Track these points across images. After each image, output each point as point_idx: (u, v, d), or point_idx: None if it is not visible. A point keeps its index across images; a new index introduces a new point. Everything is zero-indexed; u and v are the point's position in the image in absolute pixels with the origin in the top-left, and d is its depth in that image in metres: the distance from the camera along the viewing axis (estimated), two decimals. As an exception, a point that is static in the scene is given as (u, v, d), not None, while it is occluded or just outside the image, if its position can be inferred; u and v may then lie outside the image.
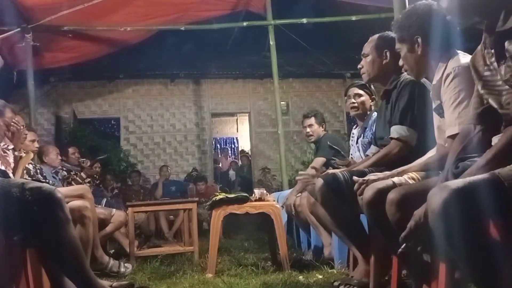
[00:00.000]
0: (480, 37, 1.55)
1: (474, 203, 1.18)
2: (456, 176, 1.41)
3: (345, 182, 2.32)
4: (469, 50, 1.81)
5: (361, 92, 3.37)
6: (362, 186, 1.98)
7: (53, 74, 8.84)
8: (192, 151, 10.41)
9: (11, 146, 3.10)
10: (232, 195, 3.45)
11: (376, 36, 2.63)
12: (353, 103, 3.37)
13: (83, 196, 3.24)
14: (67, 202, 2.13)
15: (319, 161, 4.18)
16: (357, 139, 3.33)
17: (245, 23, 7.26)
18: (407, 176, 1.89)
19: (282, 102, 8.14)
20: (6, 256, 2.00)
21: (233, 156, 14.08)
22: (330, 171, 2.80)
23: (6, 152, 2.98)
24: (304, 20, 6.86)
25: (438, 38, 1.90)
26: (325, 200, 2.47)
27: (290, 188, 5.22)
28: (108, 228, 4.17)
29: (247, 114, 11.03)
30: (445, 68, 1.91)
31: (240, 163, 11.82)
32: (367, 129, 3.22)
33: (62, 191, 2.25)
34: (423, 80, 2.33)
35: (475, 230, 1.18)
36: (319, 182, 2.46)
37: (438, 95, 1.97)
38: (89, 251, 3.15)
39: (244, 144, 13.79)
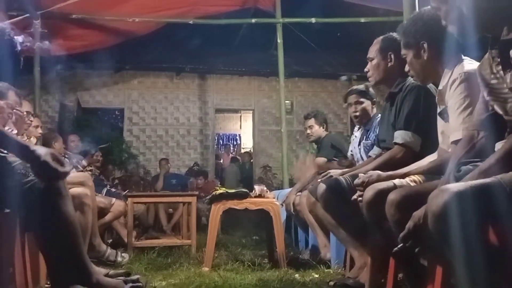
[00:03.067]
0: (487, 44, 1.55)
1: (475, 207, 1.18)
2: (458, 179, 1.41)
3: (347, 186, 2.32)
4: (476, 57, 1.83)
5: (361, 99, 3.36)
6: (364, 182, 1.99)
7: (60, 61, 8.85)
8: (194, 146, 10.42)
9: (15, 131, 3.11)
10: (232, 190, 3.46)
11: (380, 38, 2.63)
12: (355, 111, 3.36)
13: (84, 183, 3.25)
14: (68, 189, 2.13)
15: (319, 161, 4.18)
16: (360, 141, 3.32)
17: (253, 20, 7.25)
18: (409, 178, 1.90)
19: (286, 101, 8.15)
20: (5, 239, 2.01)
21: (234, 153, 14.09)
22: (332, 171, 2.80)
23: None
24: (313, 20, 6.85)
25: (444, 44, 1.90)
26: (328, 205, 2.48)
27: (290, 187, 5.23)
28: (107, 217, 4.20)
29: (251, 111, 11.04)
30: (451, 74, 1.92)
31: (241, 160, 11.82)
32: (370, 131, 3.22)
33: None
34: (429, 85, 2.33)
35: (475, 234, 1.18)
36: (322, 187, 2.46)
37: (443, 100, 1.97)
38: (87, 238, 3.16)
39: (247, 141, 13.80)
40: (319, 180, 2.73)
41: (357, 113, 3.34)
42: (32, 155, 1.78)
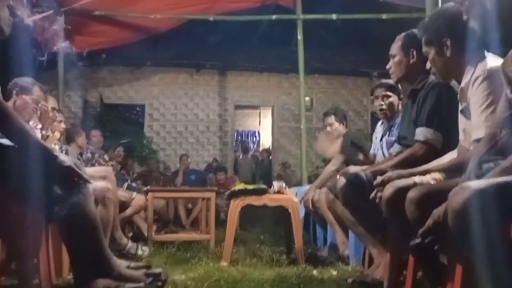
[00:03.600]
0: (511, 40, 1.53)
1: (496, 204, 1.16)
2: (479, 177, 1.40)
3: (367, 181, 2.31)
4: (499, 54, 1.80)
5: (389, 93, 3.32)
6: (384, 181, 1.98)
7: (82, 58, 8.99)
8: (214, 142, 10.48)
9: (40, 125, 3.19)
10: (251, 187, 3.48)
11: (403, 35, 2.60)
12: (381, 105, 3.31)
13: (106, 177, 3.29)
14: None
15: (339, 158, 4.15)
16: (382, 137, 3.29)
17: (273, 16, 7.23)
18: (430, 176, 1.88)
19: (306, 98, 8.12)
20: (30, 230, 2.06)
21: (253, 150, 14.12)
22: (351, 168, 2.79)
23: (34, 131, 3.05)
24: (334, 16, 6.80)
25: (467, 40, 1.87)
26: (347, 200, 2.47)
27: (309, 184, 5.22)
28: (128, 211, 4.26)
29: (270, 108, 11.05)
30: (474, 71, 1.89)
31: (260, 156, 11.84)
32: (394, 127, 3.18)
33: (86, 171, 2.29)
34: (452, 82, 2.30)
35: (495, 232, 1.17)
36: (341, 181, 2.45)
37: (465, 97, 1.94)
38: (109, 231, 3.20)
39: (266, 138, 13.81)
40: (338, 175, 2.72)
41: (383, 107, 3.30)
42: (56, 160, 1.84)
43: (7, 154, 1.89)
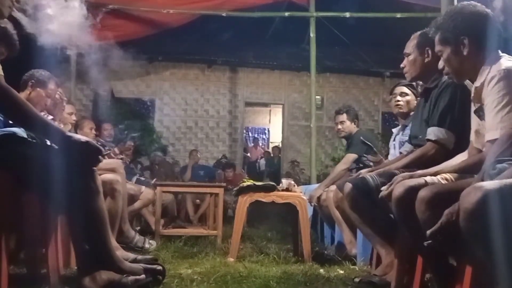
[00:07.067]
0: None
1: (509, 205, 1.14)
2: (493, 177, 1.37)
3: (374, 185, 2.28)
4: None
5: (407, 91, 3.33)
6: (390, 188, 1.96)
7: (95, 51, 9.02)
8: (223, 138, 10.49)
9: (50, 117, 3.20)
10: (260, 183, 3.47)
11: (418, 33, 2.58)
12: (398, 101, 3.33)
13: (115, 170, 3.31)
14: (100, 175, 2.18)
15: (350, 157, 4.14)
16: (395, 136, 3.28)
17: (286, 13, 7.20)
18: (440, 176, 1.86)
19: (317, 96, 8.07)
20: (39, 221, 2.08)
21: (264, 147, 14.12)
22: (363, 171, 2.77)
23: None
24: (347, 14, 6.75)
25: (485, 39, 1.84)
26: (354, 205, 2.46)
27: (318, 183, 5.20)
28: (136, 205, 4.28)
29: (281, 106, 11.02)
30: (489, 71, 1.86)
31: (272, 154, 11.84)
32: (408, 127, 3.16)
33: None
34: (466, 82, 2.27)
35: (508, 234, 1.15)
36: (348, 186, 2.44)
37: (479, 98, 1.91)
38: (117, 223, 3.22)
39: (276, 135, 13.79)
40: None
41: (400, 103, 3.31)
42: (72, 139, 1.88)
43: (21, 145, 1.91)
